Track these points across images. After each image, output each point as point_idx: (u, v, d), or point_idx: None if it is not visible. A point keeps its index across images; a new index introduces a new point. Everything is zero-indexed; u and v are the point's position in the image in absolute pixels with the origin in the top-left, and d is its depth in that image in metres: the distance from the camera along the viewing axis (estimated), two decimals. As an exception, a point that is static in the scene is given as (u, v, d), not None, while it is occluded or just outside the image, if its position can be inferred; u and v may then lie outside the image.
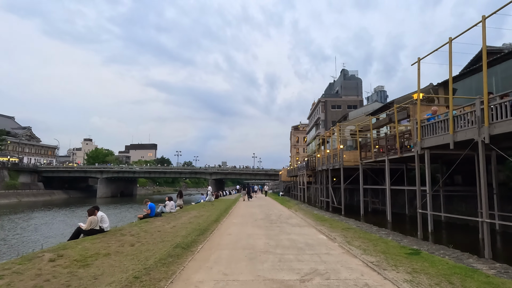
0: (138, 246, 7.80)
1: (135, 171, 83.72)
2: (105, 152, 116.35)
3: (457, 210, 18.59)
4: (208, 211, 18.28)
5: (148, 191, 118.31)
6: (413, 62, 12.87)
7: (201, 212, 17.55)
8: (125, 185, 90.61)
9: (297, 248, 8.12)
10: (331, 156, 25.05)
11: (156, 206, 15.41)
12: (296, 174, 44.90)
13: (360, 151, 21.58)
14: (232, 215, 17.05)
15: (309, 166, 36.19)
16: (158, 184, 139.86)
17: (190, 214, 16.39)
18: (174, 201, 20.08)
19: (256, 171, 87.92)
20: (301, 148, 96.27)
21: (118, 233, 9.74)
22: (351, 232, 10.87)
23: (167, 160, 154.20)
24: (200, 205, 23.76)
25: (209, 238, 9.50)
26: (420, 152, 12.36)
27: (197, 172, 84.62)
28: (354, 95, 67.03)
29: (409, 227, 17.25)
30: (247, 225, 12.94)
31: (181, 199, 20.41)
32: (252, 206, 24.12)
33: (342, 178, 22.84)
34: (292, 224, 13.31)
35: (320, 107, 64.19)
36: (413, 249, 7.91)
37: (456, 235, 14.58)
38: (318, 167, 29.91)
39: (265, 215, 16.96)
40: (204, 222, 13.04)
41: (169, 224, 11.96)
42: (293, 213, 18.36)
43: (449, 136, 10.60)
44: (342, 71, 71.20)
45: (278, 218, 15.50)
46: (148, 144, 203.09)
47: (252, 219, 15.23)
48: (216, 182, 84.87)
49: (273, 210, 20.82)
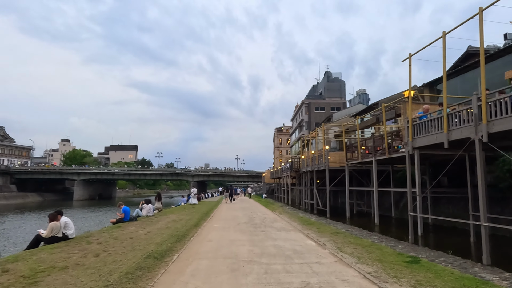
0: (103, 257, 6.80)
1: (114, 173, 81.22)
2: (83, 153, 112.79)
3: (444, 212, 18.29)
4: (188, 214, 17.28)
5: (128, 193, 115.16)
6: (404, 59, 12.36)
7: (181, 215, 16.53)
8: (103, 187, 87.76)
9: (285, 257, 7.32)
10: (316, 157, 24.47)
11: (131, 210, 14.30)
12: (279, 176, 44.26)
13: (346, 152, 21.06)
14: (214, 219, 16.12)
15: (293, 168, 35.60)
16: (139, 186, 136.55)
17: (168, 218, 15.35)
18: (152, 204, 18.99)
19: (239, 173, 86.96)
20: (284, 150, 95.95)
21: (83, 241, 8.68)
22: (341, 236, 10.16)
23: (148, 162, 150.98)
24: (180, 208, 22.67)
25: (187, 246, 8.57)
26: (411, 152, 11.83)
27: (178, 174, 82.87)
28: (338, 97, 67.14)
29: (397, 230, 16.79)
30: (229, 229, 12.06)
31: (160, 202, 19.30)
32: (235, 209, 23.23)
33: (328, 179, 22.28)
34: (278, 228, 12.51)
35: (304, 108, 63.95)
36: (411, 256, 7.23)
37: (446, 238, 14.15)
38: (302, 169, 29.29)
39: (248, 219, 16.11)
40: (183, 227, 12.07)
41: (144, 230, 10.94)
42: (278, 216, 17.59)
43: (443, 135, 10.07)
44: (325, 73, 71.28)
45: (262, 222, 14.69)
46: (128, 145, 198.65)
47: (234, 223, 14.36)
48: (198, 184, 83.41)
49: (257, 213, 20.00)
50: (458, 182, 20.03)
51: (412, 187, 13.16)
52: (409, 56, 12.06)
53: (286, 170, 38.74)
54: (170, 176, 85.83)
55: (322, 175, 27.10)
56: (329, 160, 22.16)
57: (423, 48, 11.49)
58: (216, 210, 21.71)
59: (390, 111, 16.24)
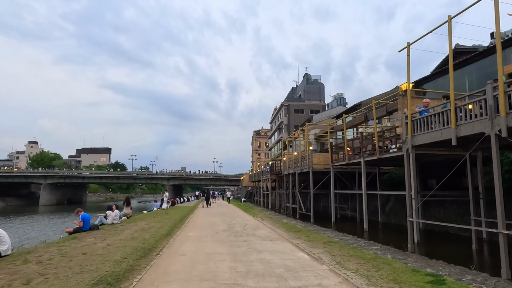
0: (35, 285, 5.06)
1: (84, 176, 77.14)
2: (52, 156, 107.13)
3: (434, 216, 17.38)
4: (160, 221, 15.47)
5: (100, 197, 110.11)
6: (401, 48, 11.25)
7: (152, 223, 14.71)
8: (73, 191, 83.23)
9: (276, 276, 5.83)
10: (299, 158, 23.20)
11: (92, 216, 12.38)
12: (259, 179, 42.81)
13: (331, 153, 19.88)
14: (189, 226, 14.41)
15: (274, 170, 34.25)
16: (112, 190, 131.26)
17: (137, 225, 13.52)
18: (122, 209, 17.06)
19: (216, 177, 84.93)
20: (263, 153, 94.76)
21: (19, 259, 6.84)
22: (336, 247, 8.78)
23: (122, 165, 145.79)
24: (152, 214, 20.74)
25: (154, 263, 6.92)
26: (410, 151, 10.66)
27: (153, 177, 79.79)
28: (317, 99, 66.64)
29: (388, 236, 15.68)
30: (206, 239, 10.44)
31: (129, 207, 17.35)
32: (213, 214, 21.53)
33: (312, 182, 21.01)
34: (262, 237, 11.01)
35: (283, 111, 62.98)
36: (431, 274, 5.91)
37: (445, 246, 13.13)
38: (284, 171, 27.98)
39: (227, 225, 14.52)
40: (152, 237, 10.34)
41: (103, 242, 9.15)
42: (260, 222, 16.09)
43: (450, 131, 8.92)
44: (305, 76, 70.70)
45: (244, 229, 13.14)
46: (101, 148, 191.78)
47: (212, 230, 12.73)
48: (174, 188, 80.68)
49: (237, 218, 18.41)
50: (447, 185, 19.30)
51: (401, 190, 12.02)
52: (407, 45, 10.95)
53: (266, 173, 37.35)
54: (144, 180, 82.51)
55: (304, 178, 25.88)
56: (313, 161, 20.93)
57: (425, 34, 10.45)
58: (192, 216, 19.95)
59: (380, 109, 15.16)
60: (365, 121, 16.64)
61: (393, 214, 20.42)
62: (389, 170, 22.58)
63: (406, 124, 10.87)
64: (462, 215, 15.67)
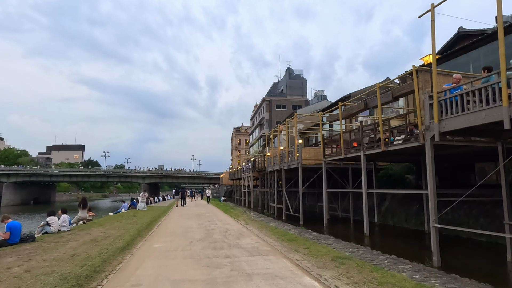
0: None
1: (51, 174, 72.16)
2: (17, 152, 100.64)
3: (441, 218, 15.43)
4: (122, 227, 12.72)
5: (71, 197, 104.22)
6: (422, 13, 9.03)
7: (110, 229, 11.95)
8: (40, 190, 77.78)
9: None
10: (286, 153, 20.85)
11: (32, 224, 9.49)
12: (240, 176, 40.29)
13: (323, 147, 17.64)
14: (157, 233, 11.76)
15: (256, 167, 31.81)
16: (84, 189, 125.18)
17: (89, 234, 10.74)
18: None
19: (195, 174, 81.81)
20: (243, 150, 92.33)
21: None
22: (353, 267, 6.43)
23: (95, 163, 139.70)
24: (117, 217, 17.85)
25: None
26: (438, 139, 8.44)
27: (127, 175, 75.70)
28: (299, 95, 64.73)
29: (396, 243, 13.51)
30: (176, 255, 7.88)
31: (85, 210, 14.44)
32: (188, 216, 18.88)
33: (301, 179, 18.72)
34: (248, 249, 8.54)
35: (265, 106, 60.71)
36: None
37: (470, 256, 11.11)
38: (268, 168, 25.58)
39: (205, 232, 11.96)
40: (101, 252, 7.66)
41: (25, 264, 6.41)
42: (244, 227, 13.62)
43: (500, 111, 6.73)
44: (287, 70, 68.56)
45: (225, 237, 10.63)
46: (74, 145, 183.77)
47: (185, 239, 10.16)
48: (150, 186, 76.93)
49: (216, 222, 15.87)
50: (451, 183, 17.48)
51: (398, 188, 9.87)
52: (431, 7, 8.73)
53: (248, 170, 34.89)
54: (118, 178, 78.19)
55: (290, 175, 23.58)
56: (302, 156, 18.63)
57: None
58: (164, 219, 17.23)
59: (385, 94, 12.98)
60: (365, 108, 14.43)
61: (390, 214, 18.44)
62: (385, 166, 20.64)
63: (430, 106, 8.65)
64: (475, 217, 13.78)
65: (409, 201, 17.57)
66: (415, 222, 16.31)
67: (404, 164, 19.84)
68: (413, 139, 10.85)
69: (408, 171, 19.76)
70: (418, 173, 18.75)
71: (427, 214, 14.90)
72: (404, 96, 12.48)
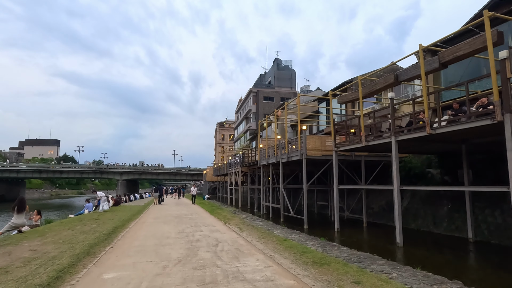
0: None
1: (19, 170, 66.33)
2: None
3: (485, 222, 12.40)
4: (69, 239, 9.01)
5: (43, 194, 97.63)
6: None
7: (48, 244, 8.26)
8: (7, 187, 71.50)
9: None
10: (286, 143, 17.45)
11: None
12: (226, 172, 36.69)
13: (334, 133, 14.34)
14: (118, 248, 8.13)
15: (245, 162, 28.34)
16: (58, 186, 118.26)
17: (8, 255, 7.04)
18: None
19: (176, 170, 77.55)
20: (227, 146, 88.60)
21: None
22: None
23: (71, 159, 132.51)
24: (74, 220, 14.04)
25: None
26: None
27: (103, 171, 70.63)
28: (288, 86, 61.48)
29: (445, 259, 10.22)
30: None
31: (22, 214, 10.62)
32: (166, 220, 15.27)
33: (305, 174, 15.35)
34: (260, 286, 5.08)
35: (252, 98, 57.17)
36: None
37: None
38: (261, 161, 22.11)
39: (187, 246, 8.42)
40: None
41: None
42: (239, 236, 10.16)
43: None
44: (275, 61, 65.03)
45: (217, 257, 7.13)
46: (48, 140, 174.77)
47: (156, 262, 6.60)
48: (128, 183, 72.32)
49: (201, 227, 12.35)
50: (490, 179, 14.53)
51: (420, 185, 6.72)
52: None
53: (235, 165, 31.37)
54: (93, 174, 72.87)
55: (285, 170, 20.19)
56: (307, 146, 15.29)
57: None
58: (134, 223, 13.56)
59: (430, 60, 9.78)
60: (395, 82, 11.20)
61: (411, 216, 15.37)
62: (402, 159, 17.56)
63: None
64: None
65: (436, 201, 14.54)
66: (449, 227, 13.26)
67: (425, 157, 16.82)
68: (474, 117, 7.63)
69: (428, 165, 16.76)
70: (444, 166, 15.75)
71: (472, 217, 11.84)
72: (459, 60, 9.28)
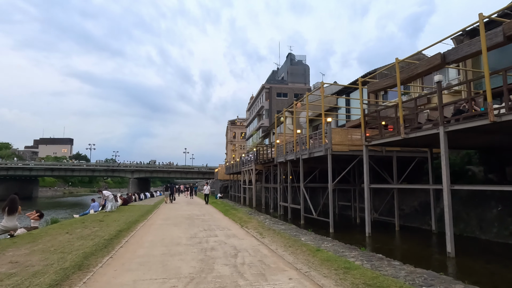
0: None
1: (31, 168, 66.35)
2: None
3: None
4: (63, 246, 7.69)
5: (56, 192, 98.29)
6: None
7: (36, 253, 6.95)
8: (21, 185, 71.73)
9: None
10: (307, 138, 15.90)
11: None
12: (239, 170, 35.30)
13: (364, 126, 12.73)
14: (118, 259, 6.73)
15: (259, 159, 26.86)
16: (71, 184, 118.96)
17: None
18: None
19: (187, 169, 76.64)
20: (238, 144, 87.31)
21: None
22: None
23: (84, 157, 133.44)
24: (76, 222, 12.79)
25: None
26: None
27: (114, 169, 70.12)
28: (302, 82, 59.67)
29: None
30: None
31: (15, 217, 9.40)
32: (176, 221, 13.92)
33: (331, 171, 13.75)
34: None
35: (264, 94, 55.63)
36: None
37: None
38: (278, 158, 20.58)
39: (200, 257, 6.98)
40: None
41: None
42: (260, 243, 8.68)
43: None
44: (288, 56, 63.28)
45: (238, 273, 5.67)
46: (62, 138, 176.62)
47: (164, 280, 5.15)
48: (140, 181, 71.72)
49: (215, 231, 10.93)
50: None
51: None
52: None
53: (249, 162, 29.93)
54: (104, 172, 72.53)
55: (307, 167, 18.57)
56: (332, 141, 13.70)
57: None
58: (141, 226, 12.22)
59: (491, 33, 8.12)
60: (442, 63, 9.55)
61: (450, 219, 13.60)
62: (437, 154, 15.79)
63: None
64: None
65: (482, 202, 12.77)
66: (500, 232, 11.51)
67: (465, 152, 15.05)
68: None
69: (468, 162, 14.99)
70: (488, 163, 13.97)
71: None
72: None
